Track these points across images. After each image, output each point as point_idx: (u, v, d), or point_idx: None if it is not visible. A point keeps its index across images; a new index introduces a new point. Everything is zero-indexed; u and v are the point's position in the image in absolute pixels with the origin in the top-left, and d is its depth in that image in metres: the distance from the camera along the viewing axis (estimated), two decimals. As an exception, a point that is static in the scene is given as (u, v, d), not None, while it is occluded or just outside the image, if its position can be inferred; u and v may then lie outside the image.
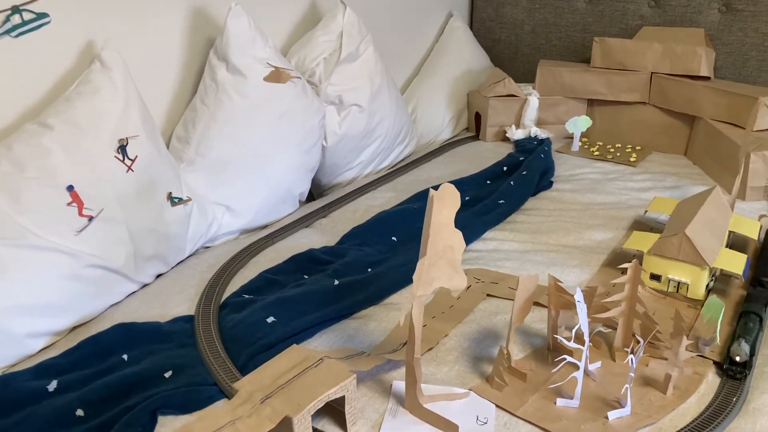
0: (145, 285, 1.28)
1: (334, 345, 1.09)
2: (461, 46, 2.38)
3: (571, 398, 0.97)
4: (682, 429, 0.92)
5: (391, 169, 1.93)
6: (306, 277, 1.28)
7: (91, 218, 1.13)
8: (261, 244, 1.42)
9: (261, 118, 1.47)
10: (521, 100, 2.13)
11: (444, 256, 0.88)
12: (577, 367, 1.03)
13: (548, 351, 1.08)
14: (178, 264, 1.36)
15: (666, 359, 1.06)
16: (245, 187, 1.48)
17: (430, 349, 1.08)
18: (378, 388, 0.99)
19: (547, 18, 2.42)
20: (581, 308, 1.01)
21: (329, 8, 1.87)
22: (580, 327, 1.11)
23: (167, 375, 0.99)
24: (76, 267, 1.11)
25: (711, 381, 1.02)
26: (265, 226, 1.57)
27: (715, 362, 1.06)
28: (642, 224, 1.58)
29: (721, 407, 0.96)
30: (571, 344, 0.93)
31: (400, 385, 0.99)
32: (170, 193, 1.29)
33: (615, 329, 1.14)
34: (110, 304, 1.20)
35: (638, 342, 1.08)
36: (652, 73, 2.08)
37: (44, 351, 1.09)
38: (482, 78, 2.37)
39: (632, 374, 0.93)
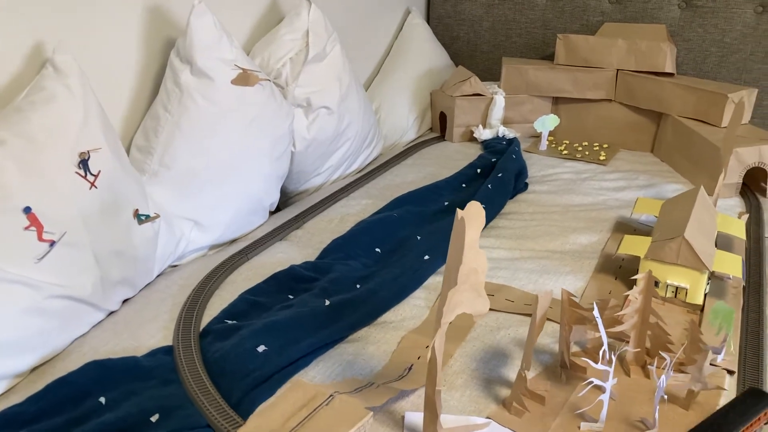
0: (111, 313, 1.16)
1: (333, 373, 1.01)
2: (421, 44, 2.31)
3: (596, 421, 0.91)
4: (712, 449, 0.87)
5: (360, 174, 1.85)
6: (291, 297, 1.19)
7: (52, 243, 1.01)
8: (235, 261, 1.32)
9: (230, 124, 1.36)
10: (487, 99, 2.08)
11: (467, 279, 0.80)
12: (596, 388, 0.98)
13: (561, 369, 1.02)
14: (145, 287, 1.24)
15: (681, 371, 1.01)
16: (214, 199, 1.37)
17: (436, 373, 1.01)
18: (388, 421, 0.91)
19: (507, 14, 2.38)
20: (601, 326, 0.95)
21: (291, 5, 1.77)
22: (589, 342, 1.07)
23: (154, 419, 0.88)
24: (38, 299, 0.98)
25: (726, 393, 0.99)
26: (233, 240, 1.46)
27: (728, 371, 1.03)
28: (625, 225, 1.55)
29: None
30: (599, 366, 0.88)
31: (413, 417, 0.91)
32: (137, 210, 1.17)
33: (623, 341, 1.09)
34: (76, 337, 1.08)
35: (656, 357, 1.03)
36: (617, 70, 2.06)
37: (5, 397, 0.96)
38: (444, 76, 2.31)
39: (662, 394, 0.88)
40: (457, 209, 0.76)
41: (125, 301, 1.20)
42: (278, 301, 1.17)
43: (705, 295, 1.23)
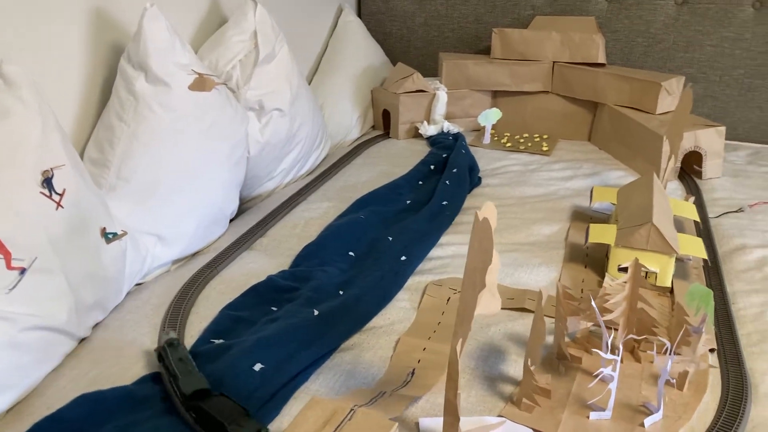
0: (83, 340, 1.08)
1: (336, 385, 0.98)
2: (357, 41, 2.29)
3: (603, 410, 0.93)
4: (713, 426, 0.91)
5: (311, 176, 1.81)
6: (274, 309, 1.15)
7: (23, 270, 0.93)
8: (205, 276, 1.26)
9: (189, 131, 1.30)
10: (430, 96, 2.09)
11: (489, 280, 0.80)
12: (590, 377, 1.00)
13: (559, 361, 1.04)
14: (114, 309, 1.16)
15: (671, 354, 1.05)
16: (176, 211, 1.30)
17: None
18: (402, 430, 0.90)
19: (439, 10, 2.40)
20: (599, 315, 0.97)
21: (233, 5, 1.70)
22: (579, 332, 1.09)
23: (159, 453, 0.83)
24: (12, 332, 0.90)
25: (713, 371, 1.04)
26: (195, 253, 1.40)
27: (710, 350, 1.08)
28: (581, 214, 1.59)
29: (736, 398, 0.97)
30: (608, 356, 0.89)
31: (428, 423, 0.90)
32: (104, 228, 1.10)
33: (610, 328, 1.12)
34: (50, 370, 1.00)
35: (641, 342, 1.07)
36: (553, 62, 2.12)
37: (-18, 442, 0.88)
38: (382, 74, 2.30)
39: (668, 377, 0.91)
40: (476, 211, 0.76)
41: (95, 326, 1.12)
42: (262, 314, 1.13)
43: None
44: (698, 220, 1.45)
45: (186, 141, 1.30)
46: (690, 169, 1.88)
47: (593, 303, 0.97)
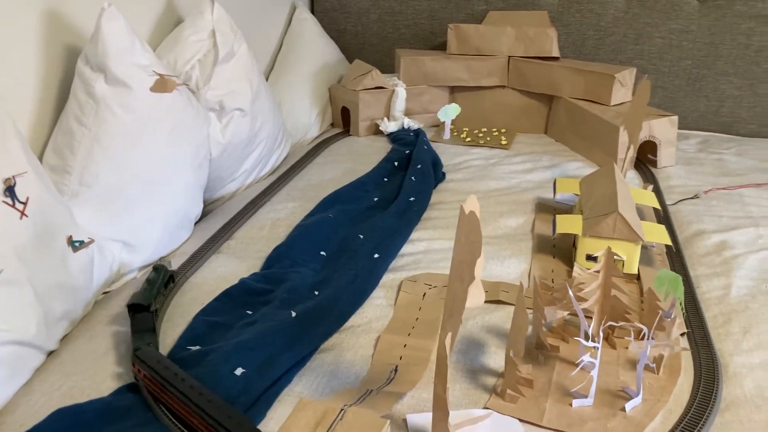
0: (52, 353, 1.04)
1: (320, 386, 0.97)
2: (312, 38, 2.27)
3: (585, 397, 0.95)
4: (689, 407, 0.94)
5: (274, 176, 1.79)
6: (249, 312, 1.13)
7: (-11, 284, 0.89)
8: (175, 282, 1.23)
9: (151, 134, 1.27)
10: (389, 92, 2.09)
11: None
12: (574, 364, 1.02)
13: (537, 350, 1.05)
14: (83, 320, 1.13)
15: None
16: (142, 216, 1.27)
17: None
18: (390, 426, 0.89)
19: (393, 6, 2.40)
20: (576, 304, 0.99)
21: (189, 4, 1.67)
22: (555, 322, 1.10)
23: (145, 464, 0.80)
24: (-20, 349, 0.87)
25: (685, 354, 1.07)
26: (162, 258, 1.37)
27: (681, 333, 1.11)
28: (545, 205, 1.62)
29: (709, 379, 1.00)
30: (590, 343, 0.91)
31: (416, 419, 0.90)
32: (70, 236, 1.06)
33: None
34: (20, 386, 0.96)
35: (612, 328, 1.09)
36: (509, 56, 2.14)
37: (-46, 465, 0.84)
38: (338, 71, 2.29)
39: (647, 362, 0.93)
40: (461, 205, 0.76)
41: (63, 338, 1.08)
42: (237, 318, 1.11)
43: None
44: (658, 207, 1.49)
45: (149, 144, 1.26)
46: (644, 158, 1.93)
47: (570, 292, 0.99)
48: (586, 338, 1.01)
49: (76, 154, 1.19)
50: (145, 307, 1.07)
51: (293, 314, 1.08)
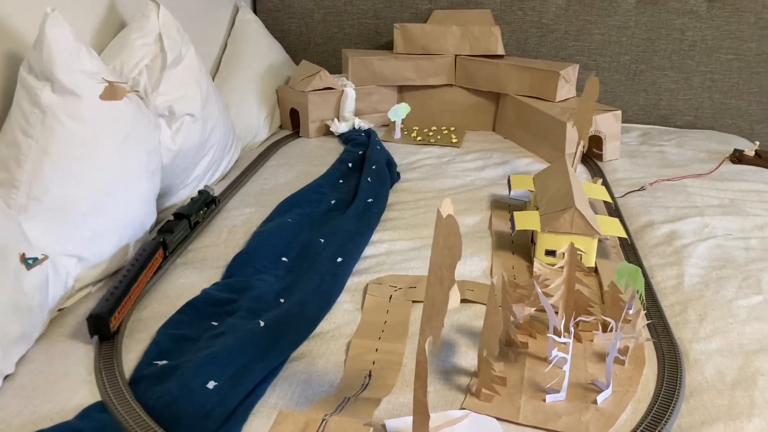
0: (8, 377, 1.00)
1: (294, 396, 0.96)
2: (257, 40, 2.24)
3: (558, 392, 0.96)
4: (656, 396, 0.97)
5: (225, 181, 1.76)
6: (215, 323, 1.10)
7: (-59, 309, 0.84)
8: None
9: (103, 143, 1.22)
10: (338, 93, 2.07)
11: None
12: (543, 360, 1.04)
13: (507, 348, 1.06)
14: (38, 340, 1.08)
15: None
16: (95, 229, 1.22)
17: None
18: (369, 433, 0.89)
19: (337, 5, 2.39)
20: (545, 301, 1.01)
21: (133, 8, 1.62)
22: (522, 318, 1.12)
23: (121, 488, 0.78)
24: (-64, 378, 0.82)
25: (647, 344, 1.10)
26: (117, 271, 1.32)
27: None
28: (500, 202, 1.64)
29: (672, 367, 1.03)
30: (561, 339, 0.93)
31: (395, 424, 0.90)
32: (23, 254, 1.01)
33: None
34: (-23, 413, 0.91)
35: (579, 321, 1.11)
36: (455, 55, 2.16)
37: None
38: (285, 72, 2.27)
39: (617, 354, 0.96)
40: (438, 209, 0.76)
41: (19, 360, 1.03)
42: (203, 330, 1.09)
43: (594, 257, 1.35)
44: (610, 200, 1.53)
45: (100, 153, 1.22)
46: (590, 152, 1.98)
47: (538, 289, 1.00)
48: (555, 333, 1.03)
49: (23, 166, 1.14)
50: (185, 216, 1.40)
51: (261, 324, 1.06)
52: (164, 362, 1.00)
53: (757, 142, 1.96)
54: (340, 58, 2.44)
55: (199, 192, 1.50)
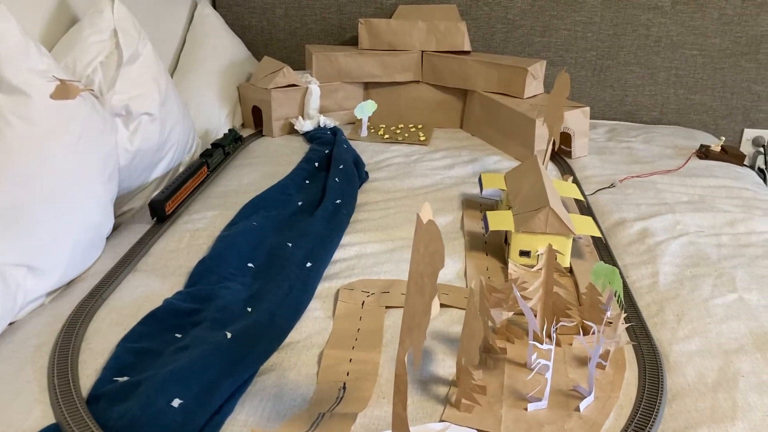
0: (-46, 398, 0.93)
1: (265, 411, 0.91)
2: (216, 35, 2.17)
3: (539, 400, 0.93)
4: (639, 400, 0.95)
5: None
6: (179, 335, 1.05)
7: None
8: (90, 306, 1.12)
9: (55, 146, 1.15)
10: (302, 90, 2.02)
11: (433, 286, 0.76)
12: (523, 366, 1.01)
13: (486, 354, 1.03)
14: (-13, 357, 1.01)
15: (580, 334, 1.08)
16: (48, 237, 1.15)
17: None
18: (345, 450, 0.85)
19: (300, 0, 2.33)
20: (525, 306, 0.98)
21: (88, 2, 1.54)
22: (499, 323, 1.09)
23: None
24: None
25: (627, 347, 1.08)
26: (71, 281, 1.25)
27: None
28: (471, 201, 1.61)
29: (653, 370, 1.01)
30: (545, 346, 0.90)
31: (373, 439, 0.85)
32: (-31, 266, 0.94)
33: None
34: None
35: (559, 324, 1.08)
36: (422, 51, 2.12)
37: None
38: (246, 69, 2.20)
39: (599, 360, 0.93)
40: (417, 214, 0.72)
41: (-35, 380, 0.96)
42: (166, 343, 1.03)
43: (568, 257, 1.32)
44: (582, 198, 1.51)
45: (52, 156, 1.15)
46: (558, 149, 1.96)
47: (517, 293, 0.97)
48: (536, 339, 1.00)
49: (-33, 171, 1.06)
50: (221, 146, 1.76)
51: (228, 335, 1.01)
52: (125, 378, 0.93)
53: (723, 138, 1.97)
54: (303, 54, 2.38)
55: (229, 130, 1.86)
